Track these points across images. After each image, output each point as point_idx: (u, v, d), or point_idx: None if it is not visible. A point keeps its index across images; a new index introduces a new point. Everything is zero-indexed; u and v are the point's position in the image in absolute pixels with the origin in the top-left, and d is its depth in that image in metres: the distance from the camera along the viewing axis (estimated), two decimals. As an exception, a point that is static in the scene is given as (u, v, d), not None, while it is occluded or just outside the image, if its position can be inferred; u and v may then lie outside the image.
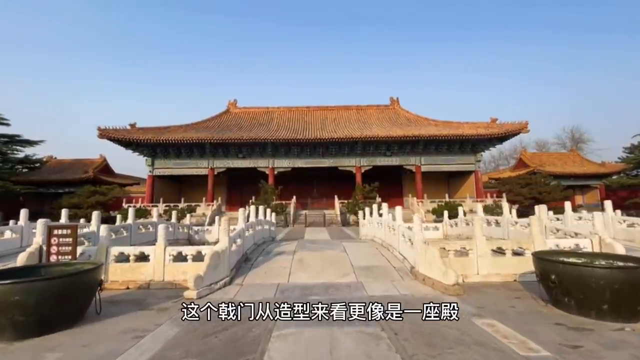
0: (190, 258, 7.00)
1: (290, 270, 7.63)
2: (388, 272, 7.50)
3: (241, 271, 7.65)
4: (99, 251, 6.85)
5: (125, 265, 6.93)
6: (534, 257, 5.40)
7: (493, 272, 7.03)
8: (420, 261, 6.96)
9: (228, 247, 6.98)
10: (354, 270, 7.60)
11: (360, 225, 15.34)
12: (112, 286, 6.72)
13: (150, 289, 6.71)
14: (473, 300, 5.57)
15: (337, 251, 9.69)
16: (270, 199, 27.06)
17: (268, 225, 13.49)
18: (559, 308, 4.92)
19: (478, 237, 7.16)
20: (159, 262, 6.87)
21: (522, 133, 31.12)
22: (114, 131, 30.02)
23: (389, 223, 9.87)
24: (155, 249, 6.91)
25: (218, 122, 36.04)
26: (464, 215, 15.13)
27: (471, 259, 7.11)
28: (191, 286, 5.89)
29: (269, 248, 10.37)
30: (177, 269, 6.90)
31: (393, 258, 8.63)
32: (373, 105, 40.02)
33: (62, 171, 38.06)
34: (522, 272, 7.00)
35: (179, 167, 32.67)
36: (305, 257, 8.85)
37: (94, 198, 29.80)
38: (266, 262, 8.49)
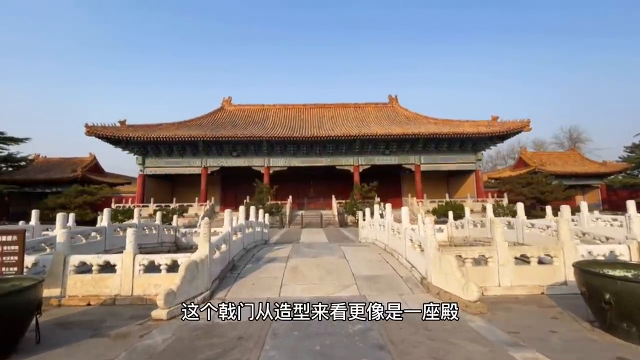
0: (164, 268, 5.98)
1: (282, 282, 6.62)
2: (395, 283, 6.52)
3: (225, 283, 6.63)
4: (55, 261, 5.79)
5: (86, 277, 5.89)
6: (577, 270, 4.44)
7: (516, 283, 6.08)
8: (433, 271, 5.99)
9: (208, 256, 5.96)
10: (355, 281, 6.61)
11: (360, 227, 14.36)
12: (71, 302, 5.68)
13: (115, 305, 5.67)
14: (502, 322, 4.61)
15: (336, 257, 8.70)
16: (265, 199, 26.03)
17: (260, 227, 12.47)
18: (613, 335, 3.96)
19: (499, 243, 6.20)
20: (127, 273, 5.84)
21: (524, 131, 30.29)
22: (102, 128, 28.80)
23: (393, 225, 8.90)
24: (123, 257, 5.87)
25: (212, 120, 34.91)
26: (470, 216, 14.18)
27: (491, 268, 6.15)
28: (161, 304, 4.87)
29: (260, 253, 9.36)
30: (148, 282, 5.87)
31: (399, 266, 7.66)
32: (371, 103, 39.08)
33: (49, 170, 36.74)
34: (549, 284, 6.06)
35: (171, 166, 31.53)
36: (300, 264, 7.84)
37: (81, 198, 28.63)
38: (255, 270, 7.47)
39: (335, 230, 21.67)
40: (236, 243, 8.48)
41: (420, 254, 6.76)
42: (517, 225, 9.97)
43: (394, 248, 8.71)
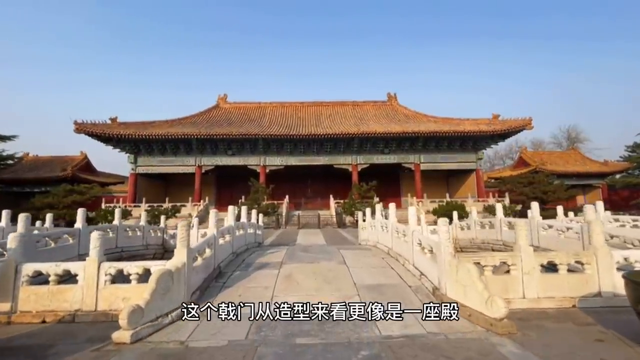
0: (134, 278, 5.12)
1: (273, 292, 5.77)
2: (403, 294, 5.69)
3: (208, 294, 5.77)
4: (3, 270, 4.92)
5: (42, 289, 5.02)
6: (629, 283, 3.64)
7: (543, 294, 5.28)
8: (448, 281, 5.17)
9: (186, 264, 5.10)
10: (357, 292, 5.78)
11: (360, 228, 13.53)
12: (22, 319, 4.81)
13: (75, 322, 4.81)
14: (538, 346, 3.79)
15: (335, 262, 7.87)
16: (260, 199, 25.17)
17: (253, 228, 11.61)
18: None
19: (523, 248, 5.39)
20: (90, 284, 4.97)
21: (526, 129, 29.66)
22: (92, 125, 27.82)
23: (397, 227, 8.08)
24: (86, 265, 5.00)
25: (207, 118, 33.98)
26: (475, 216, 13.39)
27: (514, 277, 5.34)
28: (123, 324, 4.01)
29: (251, 258, 8.50)
30: (116, 294, 5.01)
31: (406, 273, 6.83)
32: (370, 102, 38.30)
33: (38, 169, 35.65)
34: (581, 295, 5.26)
35: (164, 165, 30.60)
36: (295, 271, 7.00)
37: (70, 198, 27.53)
38: (244, 279, 6.62)
39: (333, 231, 20.83)
40: (223, 247, 7.61)
41: (430, 260, 5.94)
42: (532, 227, 9.17)
43: (398, 252, 7.89)
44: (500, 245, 10.70)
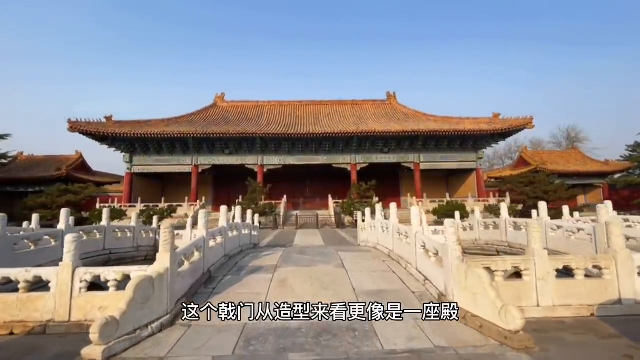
0: (113, 285, 4.68)
1: (265, 299, 5.34)
2: (406, 301, 5.25)
3: (195, 301, 5.32)
4: (-33, 277, 4.47)
5: (11, 297, 4.57)
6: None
7: (559, 302, 4.86)
8: (455, 288, 4.74)
9: (170, 269, 4.66)
10: (357, 299, 5.35)
11: (359, 229, 13.10)
12: (-13, 331, 4.36)
13: (46, 334, 4.37)
14: (560, 364, 3.38)
15: (332, 266, 7.43)
16: (258, 199, 24.71)
17: (248, 229, 11.17)
18: None
19: (537, 252, 4.97)
20: (63, 292, 4.53)
21: (527, 128, 29.29)
22: (87, 124, 27.28)
23: (399, 228, 7.66)
24: (59, 271, 4.56)
25: (204, 117, 33.48)
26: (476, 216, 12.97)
27: (527, 283, 4.92)
28: (95, 338, 3.56)
29: (245, 261, 8.05)
30: (91, 303, 4.57)
31: (408, 277, 6.40)
32: (369, 100, 37.87)
33: (33, 168, 35.10)
34: (600, 303, 4.85)
35: (160, 164, 30.10)
36: (290, 276, 6.56)
37: (64, 197, 27.04)
38: (235, 284, 6.18)
39: (331, 231, 20.39)
40: (214, 250, 7.17)
41: (436, 264, 5.52)
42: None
43: (400, 255, 7.47)
44: (506, 246, 10.29)
